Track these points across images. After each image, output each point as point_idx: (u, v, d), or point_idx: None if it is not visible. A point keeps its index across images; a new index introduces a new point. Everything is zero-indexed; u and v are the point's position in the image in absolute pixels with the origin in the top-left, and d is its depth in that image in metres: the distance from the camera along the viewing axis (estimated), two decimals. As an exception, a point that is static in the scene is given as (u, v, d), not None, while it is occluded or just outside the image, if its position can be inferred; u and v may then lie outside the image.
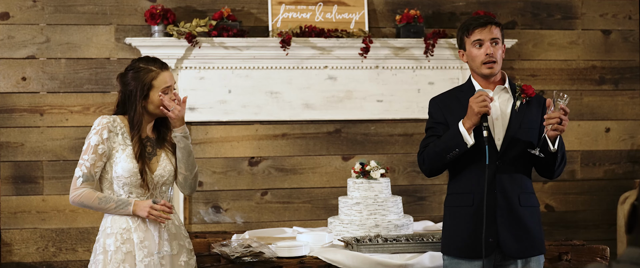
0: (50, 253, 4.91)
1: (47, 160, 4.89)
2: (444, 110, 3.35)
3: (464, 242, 3.28)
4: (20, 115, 4.88)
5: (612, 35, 5.50)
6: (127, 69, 3.26)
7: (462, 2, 5.30)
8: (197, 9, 5.03)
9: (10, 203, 4.87)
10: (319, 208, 5.16)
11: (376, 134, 5.21)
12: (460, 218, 3.30)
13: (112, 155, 3.20)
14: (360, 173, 4.17)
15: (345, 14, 5.12)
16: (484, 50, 3.25)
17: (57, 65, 4.90)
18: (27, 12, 4.88)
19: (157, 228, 3.22)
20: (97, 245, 3.23)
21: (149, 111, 3.23)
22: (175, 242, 3.27)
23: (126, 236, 3.18)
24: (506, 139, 3.25)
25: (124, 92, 3.23)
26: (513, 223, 3.24)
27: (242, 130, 5.07)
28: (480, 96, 3.15)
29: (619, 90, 5.51)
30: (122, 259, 3.15)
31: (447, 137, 3.25)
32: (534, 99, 3.32)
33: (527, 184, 3.31)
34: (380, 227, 4.05)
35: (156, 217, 3.14)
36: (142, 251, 3.17)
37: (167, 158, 3.28)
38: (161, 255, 3.20)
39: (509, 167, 3.25)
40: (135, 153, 3.19)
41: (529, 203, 3.28)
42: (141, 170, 3.18)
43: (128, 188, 3.20)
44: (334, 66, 5.10)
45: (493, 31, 3.27)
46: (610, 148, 5.51)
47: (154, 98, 3.20)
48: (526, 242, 3.26)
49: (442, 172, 3.39)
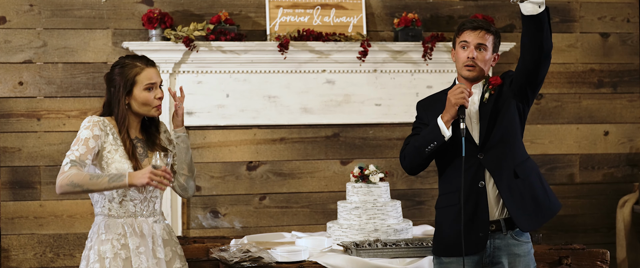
0: (48, 258, 4.89)
1: (45, 165, 4.87)
2: (428, 112, 3.42)
3: (452, 240, 3.29)
4: (17, 120, 4.86)
5: (610, 38, 5.49)
6: (114, 65, 3.21)
7: (460, 5, 5.30)
8: (194, 13, 5.02)
9: (7, 209, 4.85)
10: (317, 212, 5.15)
11: (375, 137, 5.20)
12: (449, 217, 3.33)
13: (103, 155, 3.12)
14: (359, 177, 4.16)
15: (343, 18, 5.11)
16: (467, 53, 3.31)
17: (54, 69, 4.89)
18: (24, 16, 4.86)
19: (151, 233, 3.18)
20: (91, 253, 3.13)
21: (132, 109, 3.17)
22: (168, 247, 3.23)
23: (123, 241, 3.12)
24: (482, 131, 3.30)
25: (109, 90, 3.18)
26: (518, 198, 3.27)
27: (240, 135, 5.06)
28: (457, 88, 3.23)
29: (618, 93, 5.51)
30: (121, 265, 3.09)
31: (426, 131, 3.33)
32: (503, 83, 3.36)
33: (518, 155, 3.33)
34: (380, 232, 4.04)
35: (158, 183, 2.99)
36: (138, 257, 3.12)
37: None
38: (155, 261, 3.16)
39: (493, 156, 3.29)
40: (128, 151, 3.13)
41: (526, 172, 3.31)
42: (135, 168, 3.11)
43: (122, 191, 3.14)
44: (332, 70, 5.09)
45: (482, 36, 3.31)
46: (609, 152, 5.50)
47: (137, 94, 3.14)
48: (532, 213, 3.29)
49: (423, 169, 3.43)
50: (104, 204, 3.17)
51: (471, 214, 3.28)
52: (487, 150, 3.29)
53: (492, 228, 3.30)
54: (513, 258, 3.31)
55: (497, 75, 3.39)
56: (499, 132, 3.30)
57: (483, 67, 3.33)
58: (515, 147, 3.33)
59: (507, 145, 3.30)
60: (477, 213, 3.27)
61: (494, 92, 3.34)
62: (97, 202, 3.20)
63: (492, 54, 3.35)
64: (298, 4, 5.08)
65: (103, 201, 3.17)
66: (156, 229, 3.21)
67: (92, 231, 3.19)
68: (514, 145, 3.32)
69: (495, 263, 3.32)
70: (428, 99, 3.52)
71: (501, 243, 3.31)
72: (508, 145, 3.31)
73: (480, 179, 3.29)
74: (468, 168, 3.27)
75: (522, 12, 3.13)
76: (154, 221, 3.22)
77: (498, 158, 3.29)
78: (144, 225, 3.18)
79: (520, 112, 3.36)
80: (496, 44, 3.37)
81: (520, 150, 3.36)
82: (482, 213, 3.28)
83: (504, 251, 3.31)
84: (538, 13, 3.10)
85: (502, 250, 3.31)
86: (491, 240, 3.30)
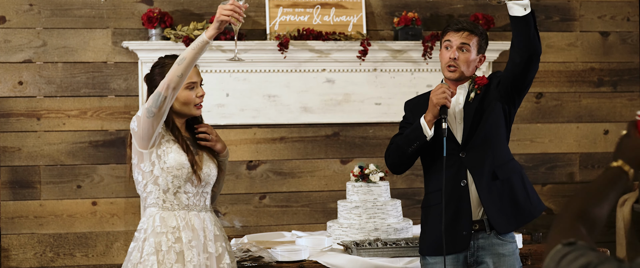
0: (48, 258, 4.89)
1: (45, 165, 4.87)
2: (413, 112, 3.44)
3: (436, 239, 3.31)
4: (17, 119, 4.86)
5: (610, 37, 5.49)
6: (153, 66, 3.24)
7: (460, 4, 5.30)
8: (194, 12, 5.01)
9: (7, 209, 4.85)
10: (317, 211, 5.15)
11: (375, 136, 5.20)
12: (432, 216, 3.35)
13: (162, 143, 3.14)
14: (359, 176, 4.16)
15: (343, 17, 5.11)
16: (449, 54, 3.32)
17: (54, 69, 4.88)
18: (24, 15, 4.86)
19: (203, 227, 3.18)
20: (146, 244, 3.11)
21: (174, 109, 3.19)
22: (219, 243, 3.23)
23: (177, 234, 3.11)
24: (465, 130, 3.31)
25: (150, 91, 3.19)
26: (496, 199, 3.28)
27: (240, 134, 5.06)
28: (440, 88, 3.25)
29: (618, 92, 5.51)
30: (175, 259, 3.09)
31: (408, 131, 3.35)
32: (490, 83, 3.37)
33: (500, 156, 3.34)
34: (380, 231, 4.04)
35: (230, 14, 2.98)
36: (190, 251, 3.11)
37: (209, 160, 3.26)
38: (206, 256, 3.16)
39: (475, 155, 3.30)
40: (182, 146, 3.15)
41: (507, 174, 3.32)
42: (192, 162, 3.14)
43: (177, 181, 3.14)
44: (332, 69, 5.08)
45: (466, 37, 3.32)
46: (609, 151, 5.50)
47: (179, 93, 3.15)
48: (510, 215, 3.29)
49: (407, 168, 3.45)
50: (158, 195, 3.16)
51: (454, 213, 3.29)
52: (469, 149, 3.30)
53: (476, 227, 3.30)
54: (497, 258, 3.31)
55: (484, 75, 3.40)
56: (482, 132, 3.31)
57: (466, 69, 3.33)
58: (498, 147, 3.34)
59: (489, 146, 3.31)
60: (460, 212, 3.29)
61: (480, 91, 3.34)
62: (150, 193, 3.18)
63: (476, 55, 3.35)
64: (298, 3, 5.08)
65: (157, 192, 3.16)
66: (208, 223, 3.21)
67: (144, 223, 3.17)
68: (496, 146, 3.33)
69: (480, 263, 3.32)
70: (415, 99, 3.55)
71: (485, 242, 3.31)
72: (490, 146, 3.31)
73: (463, 178, 3.30)
74: (450, 167, 3.29)
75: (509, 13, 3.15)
76: (205, 215, 3.22)
77: (479, 158, 3.30)
78: (196, 219, 3.18)
79: (505, 113, 3.36)
80: (482, 45, 3.37)
81: (503, 151, 3.36)
82: (465, 213, 3.29)
83: (488, 251, 3.31)
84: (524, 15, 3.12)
85: (486, 250, 3.31)
86: (475, 239, 3.31)
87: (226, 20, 2.99)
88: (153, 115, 3.04)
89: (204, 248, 3.16)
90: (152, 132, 3.09)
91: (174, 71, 3.00)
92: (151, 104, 3.04)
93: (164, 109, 3.05)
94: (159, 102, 3.02)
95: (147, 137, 3.10)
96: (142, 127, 3.08)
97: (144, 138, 3.10)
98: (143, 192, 3.21)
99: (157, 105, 3.02)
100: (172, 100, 3.06)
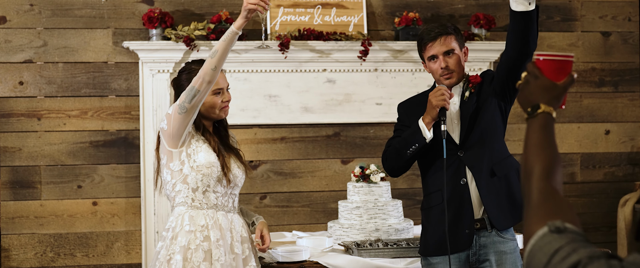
0: (48, 258, 4.88)
1: (45, 165, 4.86)
2: (409, 114, 3.43)
3: (439, 239, 3.30)
4: (17, 119, 4.85)
5: (611, 37, 5.49)
6: (180, 71, 3.27)
7: (461, 4, 5.29)
8: (195, 12, 5.01)
9: (8, 209, 4.85)
10: (318, 212, 5.14)
11: (375, 137, 5.19)
12: (434, 216, 3.34)
13: (191, 143, 3.17)
14: (360, 177, 4.15)
15: (343, 17, 5.10)
16: (439, 64, 3.31)
17: (55, 69, 4.88)
18: (24, 15, 4.86)
19: (230, 228, 3.19)
20: (173, 244, 3.12)
21: (201, 113, 3.22)
22: (246, 245, 3.25)
23: (205, 233, 3.12)
24: (462, 130, 3.31)
25: (177, 95, 3.21)
26: (494, 195, 3.29)
27: (240, 134, 5.05)
28: (438, 90, 3.25)
29: (619, 92, 5.50)
30: (202, 257, 3.09)
31: (407, 133, 3.34)
32: (483, 81, 3.36)
33: (498, 153, 3.34)
34: (381, 231, 4.03)
35: (257, 2, 3.01)
36: (218, 249, 3.12)
37: (237, 162, 3.29)
38: (233, 256, 3.17)
39: (473, 153, 3.30)
40: (213, 147, 3.18)
41: (504, 171, 3.32)
42: (222, 164, 3.17)
43: (206, 180, 3.16)
44: (333, 69, 5.08)
45: (446, 42, 3.32)
46: (610, 151, 5.50)
47: (206, 99, 3.18)
48: (508, 211, 3.30)
49: (405, 171, 3.45)
50: (187, 194, 3.17)
51: (455, 212, 3.29)
52: (467, 148, 3.31)
53: (477, 226, 3.31)
54: (500, 256, 3.31)
55: (476, 74, 3.40)
56: (479, 131, 3.32)
57: (459, 70, 3.34)
58: (495, 145, 3.34)
59: (486, 143, 3.32)
60: (462, 211, 3.29)
61: (474, 90, 3.35)
62: (179, 192, 3.19)
63: (460, 50, 3.36)
64: (299, 3, 5.07)
65: (186, 191, 3.17)
66: (236, 224, 3.22)
67: (173, 222, 3.17)
68: (493, 143, 3.34)
69: (482, 261, 3.32)
70: (408, 101, 3.53)
71: (487, 240, 3.31)
72: (487, 143, 3.32)
73: (462, 176, 3.30)
74: (449, 166, 3.29)
75: (511, 7, 3.13)
76: (233, 216, 3.24)
77: (477, 156, 3.30)
78: (224, 219, 3.19)
79: (501, 110, 3.37)
80: (459, 40, 3.38)
81: (500, 148, 3.37)
82: (466, 211, 3.29)
83: (490, 248, 3.31)
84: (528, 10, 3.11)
85: (489, 248, 3.31)
86: (477, 237, 3.31)
87: (253, 9, 3.03)
88: (185, 111, 3.07)
89: (230, 248, 3.17)
90: (182, 130, 3.12)
91: (208, 64, 3.03)
92: (183, 100, 3.06)
93: (196, 104, 3.07)
94: (191, 96, 3.05)
95: (178, 135, 3.12)
96: (173, 124, 3.10)
97: (175, 136, 3.13)
98: (172, 192, 3.21)
99: (190, 100, 3.05)
100: (204, 96, 3.08)
